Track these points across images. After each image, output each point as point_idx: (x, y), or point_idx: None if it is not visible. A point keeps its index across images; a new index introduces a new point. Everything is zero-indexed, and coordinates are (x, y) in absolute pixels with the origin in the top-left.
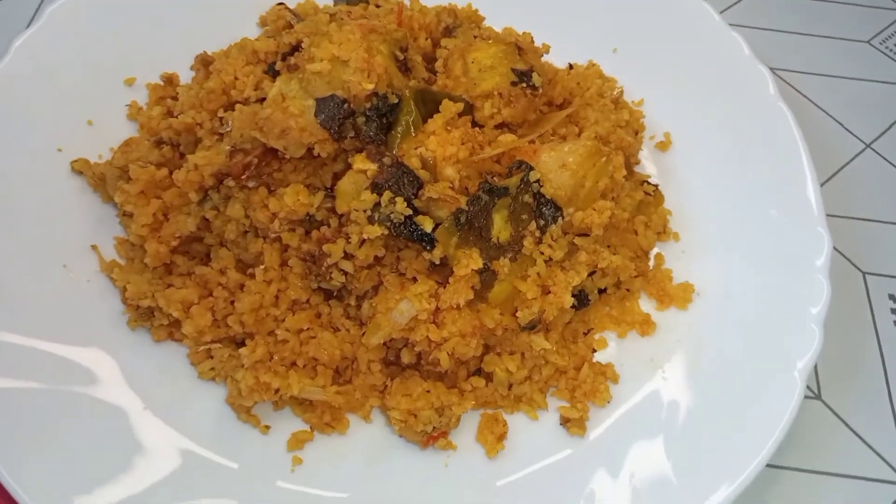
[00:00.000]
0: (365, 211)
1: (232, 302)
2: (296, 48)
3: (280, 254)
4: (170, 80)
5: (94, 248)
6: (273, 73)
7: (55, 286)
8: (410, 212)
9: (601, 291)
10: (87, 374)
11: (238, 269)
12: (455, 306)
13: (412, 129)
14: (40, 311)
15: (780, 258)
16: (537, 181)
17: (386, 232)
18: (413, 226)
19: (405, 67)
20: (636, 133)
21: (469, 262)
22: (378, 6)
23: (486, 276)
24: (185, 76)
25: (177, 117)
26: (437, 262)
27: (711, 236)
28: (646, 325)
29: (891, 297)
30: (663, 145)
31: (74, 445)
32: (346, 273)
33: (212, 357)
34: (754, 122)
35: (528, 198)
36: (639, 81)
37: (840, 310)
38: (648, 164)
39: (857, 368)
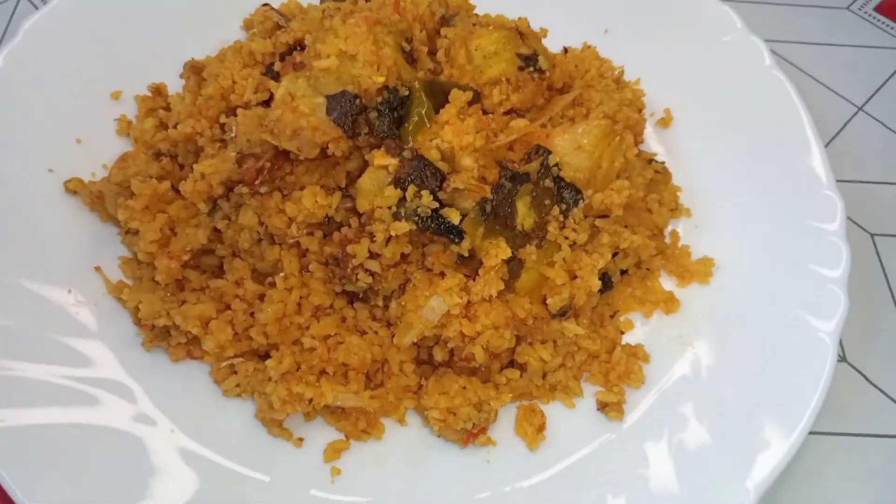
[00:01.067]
0: (389, 207)
1: (252, 313)
2: (293, 47)
3: (299, 259)
4: (158, 91)
5: (97, 269)
6: (272, 74)
7: (63, 312)
8: (437, 205)
9: (623, 272)
10: (109, 402)
11: (254, 279)
12: (487, 298)
13: (426, 121)
14: (52, 340)
15: (794, 225)
16: (556, 165)
17: (413, 227)
18: (440, 219)
19: (412, 58)
20: (639, 111)
21: (498, 251)
22: (368, 0)
23: (514, 265)
24: (173, 86)
25: (174, 128)
26: (466, 255)
27: (723, 209)
28: (670, 303)
29: None
30: (665, 122)
31: (104, 474)
32: (372, 273)
33: (236, 372)
34: (753, 92)
35: (548, 182)
36: (633, 61)
37: (853, 272)
38: (652, 142)
39: (878, 329)
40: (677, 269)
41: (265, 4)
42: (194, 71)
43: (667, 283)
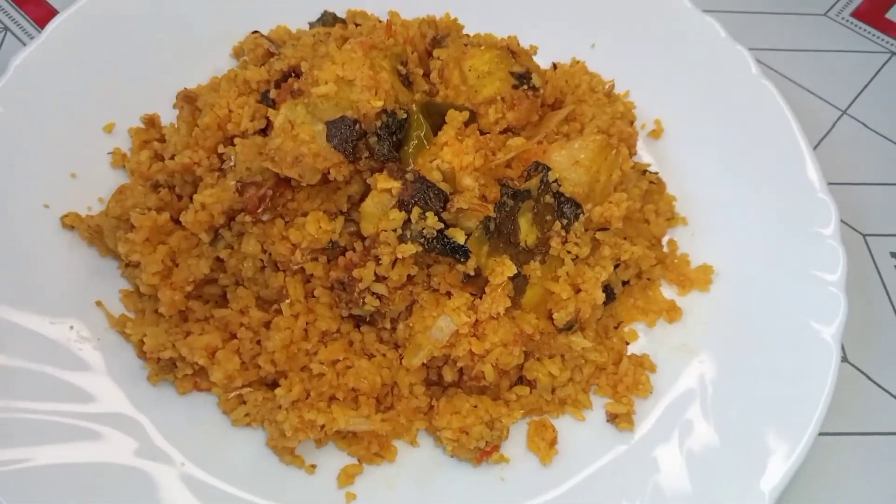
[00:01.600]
0: (394, 230)
1: (258, 342)
2: (288, 74)
3: (303, 285)
4: (152, 122)
5: (99, 304)
6: (267, 102)
7: (66, 349)
8: (442, 225)
9: (624, 284)
10: (117, 437)
11: (259, 306)
12: (494, 316)
13: (425, 143)
14: (55, 377)
15: (789, 229)
16: (555, 181)
17: (420, 249)
18: (446, 239)
19: (407, 81)
20: (630, 124)
21: (503, 269)
22: (357, 24)
23: (518, 282)
24: (165, 116)
25: (171, 158)
26: (472, 274)
27: (718, 216)
28: (672, 312)
29: (893, 255)
30: (655, 133)
31: None
32: (379, 296)
33: (245, 402)
34: (741, 101)
35: (549, 198)
36: (621, 74)
37: (848, 273)
38: (644, 154)
39: (876, 327)
40: (677, 277)
41: (255, 32)
42: (188, 100)
43: (667, 292)
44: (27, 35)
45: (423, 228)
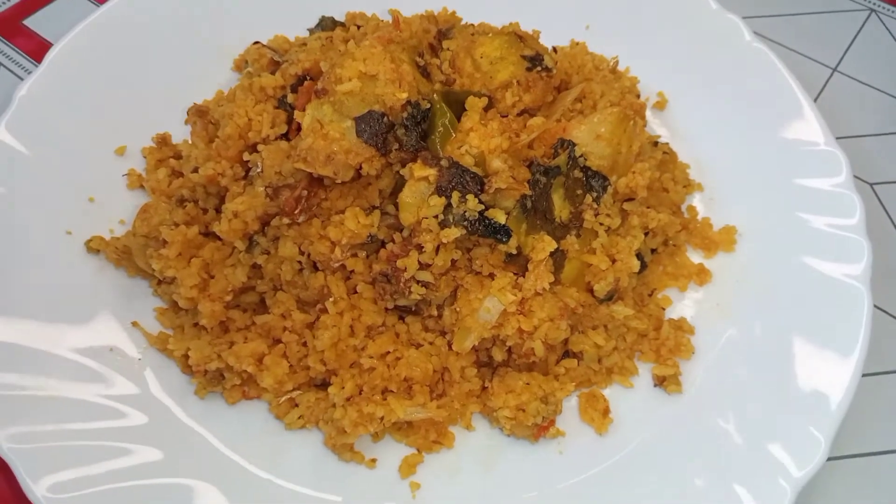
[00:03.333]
0: (436, 216)
1: (304, 344)
2: (303, 77)
3: (344, 282)
4: (164, 141)
5: (135, 324)
6: (285, 107)
7: (109, 372)
8: (483, 207)
9: (653, 252)
10: (180, 453)
11: (300, 309)
12: (540, 292)
13: (451, 130)
14: (104, 403)
15: (803, 183)
16: (581, 155)
17: (463, 232)
18: (487, 220)
19: (426, 72)
20: (637, 97)
21: (544, 244)
22: (359, 26)
23: (557, 257)
24: (175, 134)
25: (194, 172)
26: (515, 252)
27: (732, 179)
28: (702, 275)
29: None
30: (660, 104)
31: None
32: (425, 284)
33: (297, 405)
34: (739, 66)
35: (577, 173)
36: (618, 52)
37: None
38: (651, 125)
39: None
40: (702, 241)
41: (256, 43)
42: (200, 115)
43: (694, 256)
44: (21, 68)
45: (465, 211)
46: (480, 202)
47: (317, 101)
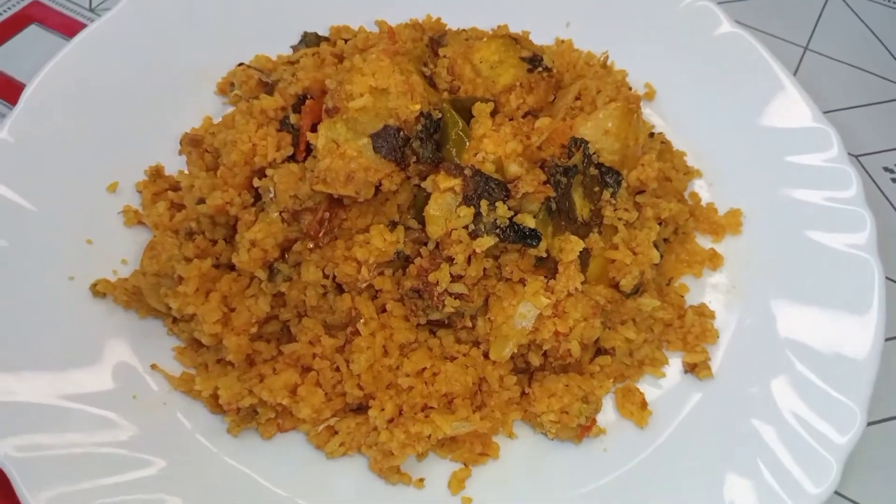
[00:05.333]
0: (465, 227)
1: (337, 369)
2: (304, 97)
3: (372, 302)
4: (158, 173)
5: (154, 367)
6: (289, 128)
7: (136, 420)
8: (512, 213)
9: (665, 241)
10: (228, 492)
11: (328, 334)
12: (572, 293)
13: (464, 139)
14: (137, 455)
15: (800, 160)
16: (594, 153)
17: (496, 240)
18: (517, 226)
19: (432, 82)
20: (630, 90)
21: (572, 245)
22: (346, 40)
23: (582, 256)
24: (167, 165)
25: (200, 203)
26: (545, 256)
27: (728, 162)
28: (714, 259)
29: (886, 169)
30: (649, 95)
31: None
32: (458, 296)
33: (336, 432)
34: (719, 51)
35: (593, 170)
36: (601, 46)
37: None
38: (644, 116)
39: (890, 236)
40: (710, 226)
41: (240, 64)
42: (194, 144)
43: (703, 242)
44: None
45: (496, 219)
46: (509, 208)
47: (329, 120)
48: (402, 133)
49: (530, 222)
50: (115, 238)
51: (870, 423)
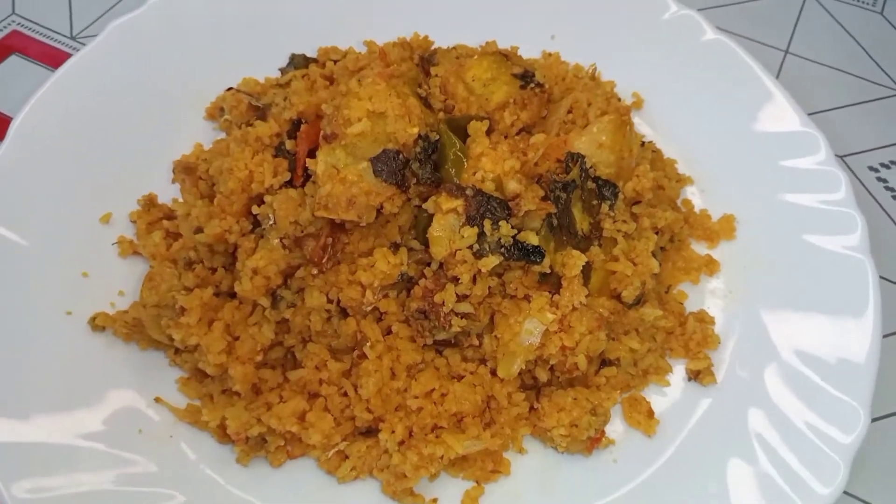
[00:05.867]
0: (470, 247)
1: (344, 393)
2: (298, 122)
3: (377, 325)
4: (151, 202)
5: (158, 400)
6: (285, 154)
7: (143, 455)
8: (516, 232)
9: (662, 250)
10: None
11: (334, 358)
12: (577, 307)
13: (462, 158)
14: (149, 488)
15: (789, 164)
16: (591, 167)
17: (501, 259)
18: (520, 244)
19: (427, 103)
20: (619, 100)
21: (575, 260)
22: (335, 61)
23: (584, 269)
24: (160, 194)
25: (198, 232)
26: (549, 272)
27: (718, 169)
28: (711, 265)
29: (871, 168)
30: (637, 105)
31: None
32: (464, 315)
33: (347, 457)
34: (705, 59)
35: (590, 184)
36: (586, 58)
37: None
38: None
39: (881, 236)
40: (704, 232)
41: (230, 89)
42: (187, 172)
43: (698, 248)
44: None
45: (500, 238)
46: (511, 227)
47: (328, 146)
48: (401, 156)
49: (533, 239)
50: (110, 270)
51: (873, 420)
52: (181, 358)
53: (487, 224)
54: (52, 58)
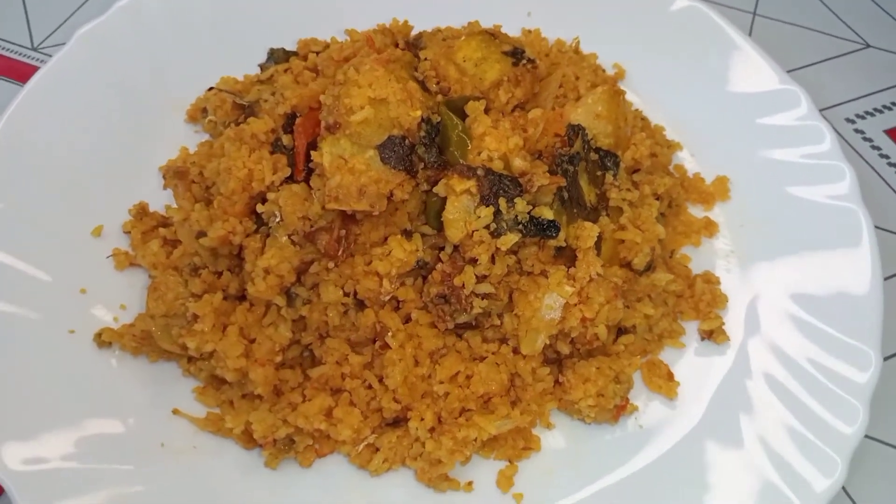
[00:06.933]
0: (487, 227)
1: (369, 386)
2: (293, 116)
3: (396, 314)
4: (144, 211)
5: (176, 412)
6: (282, 150)
7: (170, 469)
8: (531, 208)
9: (662, 215)
10: None
11: (354, 351)
12: (594, 277)
13: (465, 139)
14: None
15: (773, 121)
16: (592, 138)
17: (520, 237)
18: (536, 219)
19: (424, 86)
20: (603, 71)
21: (588, 231)
22: (317, 53)
23: (597, 240)
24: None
25: (202, 237)
26: (564, 245)
27: (704, 131)
28: (710, 227)
29: (848, 120)
30: (619, 75)
31: None
32: (485, 296)
33: (378, 449)
34: (678, 26)
35: (593, 155)
36: (563, 32)
37: None
38: None
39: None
40: (699, 196)
41: (211, 88)
42: (179, 176)
43: (695, 211)
44: None
45: (517, 215)
46: (526, 203)
47: (331, 137)
48: (407, 141)
49: (548, 214)
50: (108, 284)
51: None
52: (195, 367)
53: (503, 202)
54: (16, 71)
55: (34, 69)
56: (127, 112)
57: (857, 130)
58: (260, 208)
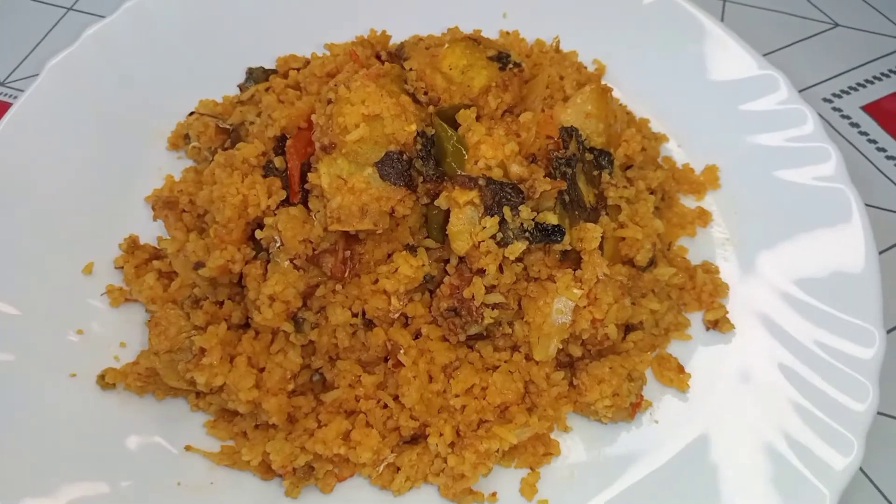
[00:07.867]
0: (493, 237)
1: (384, 405)
2: (283, 138)
3: (406, 330)
4: (135, 244)
5: (189, 448)
6: (274, 172)
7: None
8: (535, 214)
9: (656, 209)
10: None
11: (367, 372)
12: (600, 278)
13: (461, 149)
14: None
15: (757, 106)
16: (585, 138)
17: (527, 244)
18: (541, 225)
19: (415, 98)
20: (585, 68)
21: (592, 233)
22: (298, 69)
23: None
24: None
25: (201, 268)
26: (569, 248)
27: (689, 121)
28: (704, 216)
29: (825, 100)
30: (600, 71)
31: None
32: (496, 306)
33: (399, 468)
34: (652, 19)
35: (588, 155)
36: (540, 31)
37: None
38: None
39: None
40: (690, 186)
41: (192, 113)
42: (170, 207)
43: (687, 202)
44: None
45: (522, 223)
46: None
47: (328, 157)
48: (404, 156)
49: (552, 219)
50: (105, 322)
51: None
52: (204, 401)
53: (507, 211)
54: None
55: (6, 105)
56: (106, 143)
57: (835, 109)
58: (259, 234)
